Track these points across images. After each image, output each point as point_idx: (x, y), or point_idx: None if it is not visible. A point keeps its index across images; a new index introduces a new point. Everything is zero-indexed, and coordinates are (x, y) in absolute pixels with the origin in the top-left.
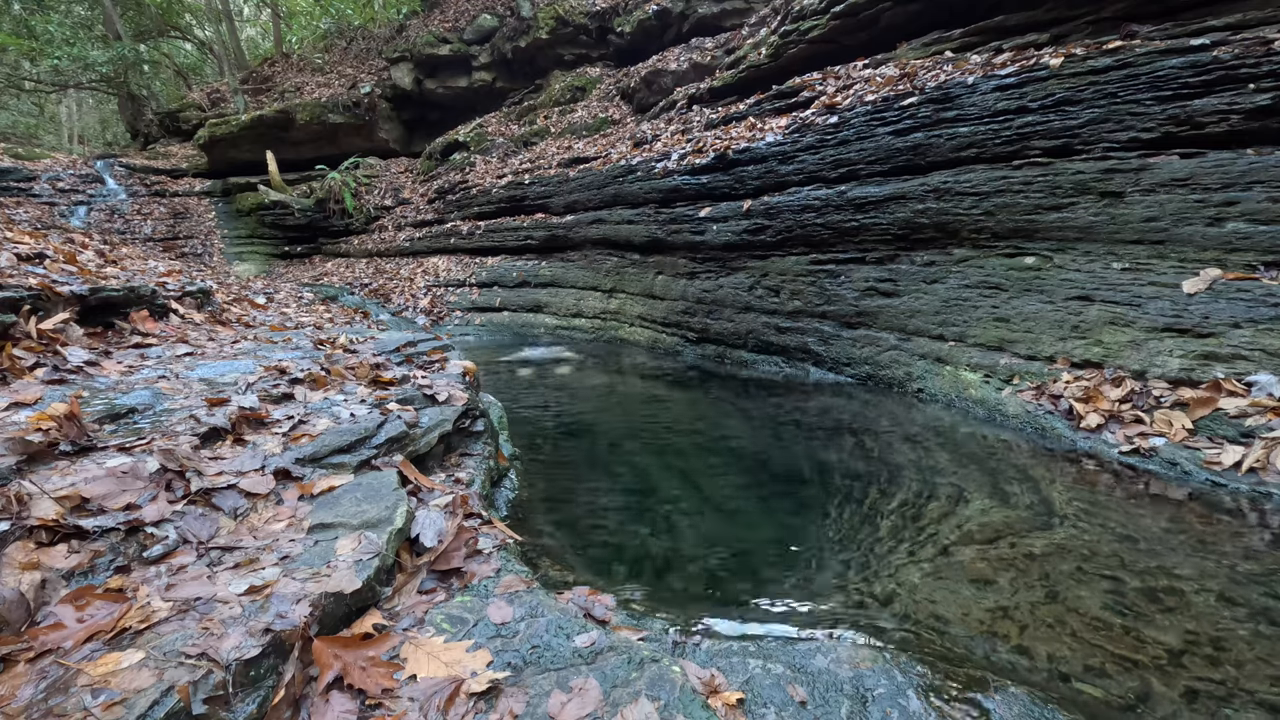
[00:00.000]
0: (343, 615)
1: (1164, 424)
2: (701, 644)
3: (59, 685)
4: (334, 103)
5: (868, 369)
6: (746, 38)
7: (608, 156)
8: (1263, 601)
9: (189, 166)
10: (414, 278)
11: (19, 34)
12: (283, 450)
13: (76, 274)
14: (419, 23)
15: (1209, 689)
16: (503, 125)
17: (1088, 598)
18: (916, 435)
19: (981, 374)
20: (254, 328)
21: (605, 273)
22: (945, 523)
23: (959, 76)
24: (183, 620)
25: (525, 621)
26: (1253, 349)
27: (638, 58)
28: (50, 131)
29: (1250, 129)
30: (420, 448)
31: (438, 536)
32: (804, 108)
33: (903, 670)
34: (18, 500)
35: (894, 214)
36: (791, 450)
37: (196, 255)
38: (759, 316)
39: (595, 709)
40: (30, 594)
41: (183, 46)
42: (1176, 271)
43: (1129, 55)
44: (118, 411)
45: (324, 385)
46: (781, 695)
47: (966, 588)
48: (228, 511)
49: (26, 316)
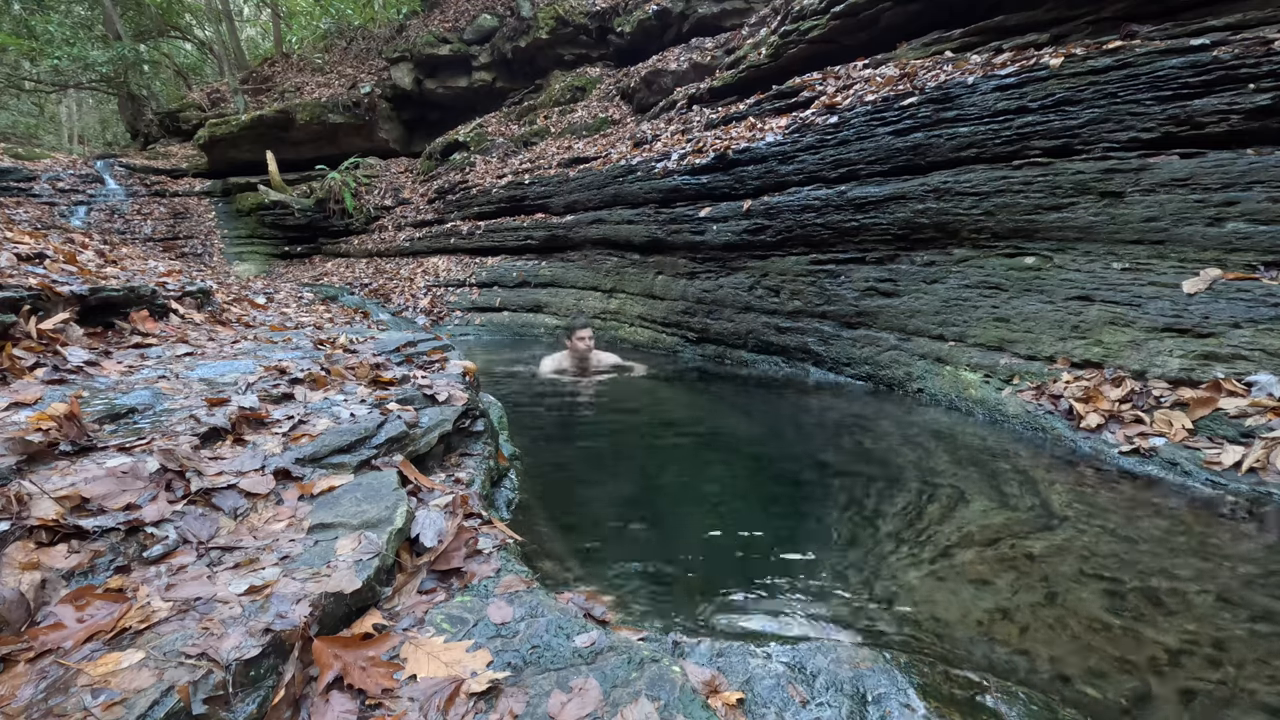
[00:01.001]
0: (343, 615)
1: (1164, 424)
2: (701, 644)
3: (59, 685)
4: (334, 103)
5: (868, 369)
6: (746, 38)
7: (608, 156)
8: (1263, 603)
9: (189, 166)
10: (414, 278)
11: (19, 34)
12: (283, 450)
13: (76, 274)
14: (419, 23)
15: (1209, 690)
16: (503, 125)
17: (1088, 599)
18: (916, 435)
19: (981, 374)
20: (254, 328)
21: (605, 273)
22: (945, 523)
23: (959, 76)
24: (183, 620)
25: (525, 621)
26: (1253, 349)
27: (638, 58)
28: (50, 131)
29: (1250, 129)
30: (420, 448)
31: (438, 536)
32: (804, 108)
33: (903, 670)
34: (18, 500)
35: (894, 214)
36: (791, 450)
37: (196, 255)
38: (759, 316)
39: (595, 709)
40: (30, 594)
41: (183, 46)
42: (1176, 271)
43: (1129, 55)
44: (118, 411)
45: (324, 385)
46: (782, 695)
47: (966, 588)
48: (228, 511)
49: (26, 316)
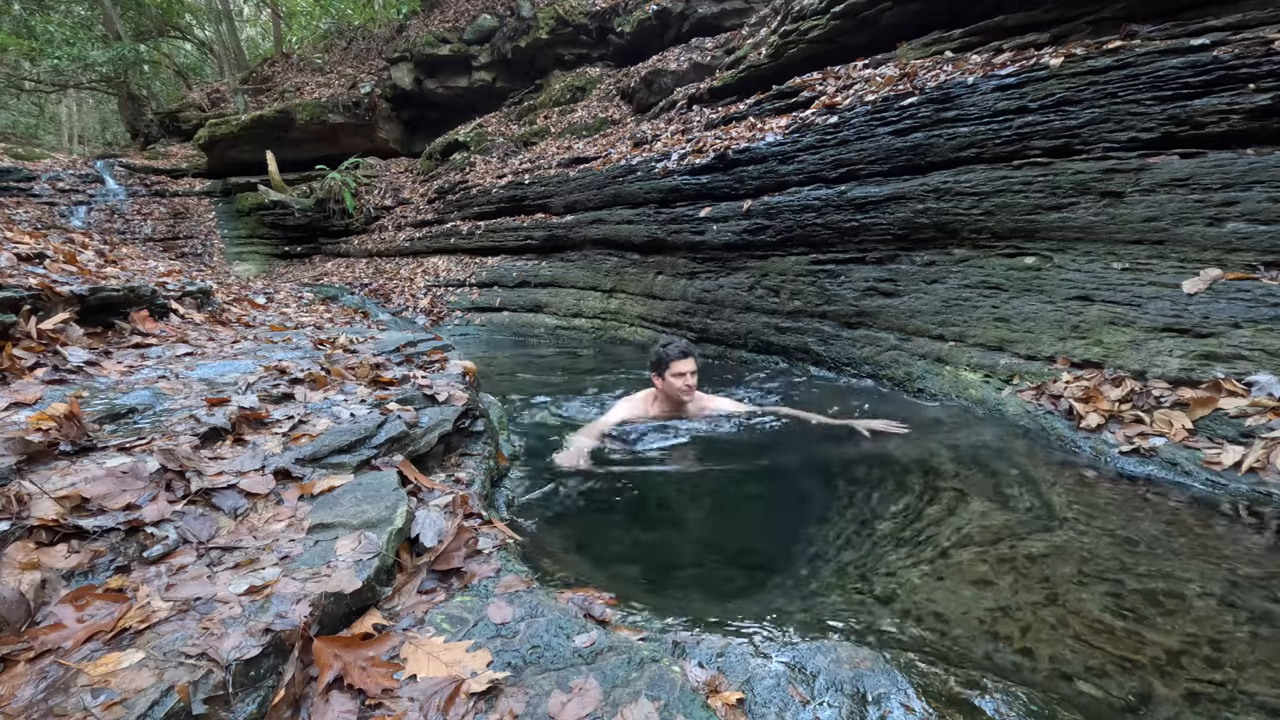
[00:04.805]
0: (343, 615)
1: (1164, 424)
2: (701, 644)
3: (59, 685)
4: (334, 103)
5: (868, 369)
6: (746, 38)
7: (608, 156)
8: (1263, 605)
9: (189, 166)
10: (414, 278)
11: (19, 34)
12: (283, 450)
13: (76, 274)
14: (419, 23)
15: (1209, 691)
16: (503, 125)
17: (1088, 600)
18: (916, 435)
19: (981, 374)
20: (254, 328)
21: (605, 273)
22: (944, 524)
23: (959, 76)
24: (183, 620)
25: (525, 621)
26: (1253, 349)
27: (638, 58)
28: (50, 131)
29: (1250, 129)
30: (420, 448)
31: (438, 536)
32: (804, 108)
33: (903, 670)
34: (18, 500)
35: (894, 214)
36: (791, 450)
37: (196, 255)
38: (759, 316)
39: (595, 709)
40: (30, 594)
41: (183, 46)
42: (1176, 271)
43: (1129, 55)
44: (118, 411)
45: (324, 385)
46: (782, 695)
47: (967, 589)
48: (228, 511)
49: (26, 316)
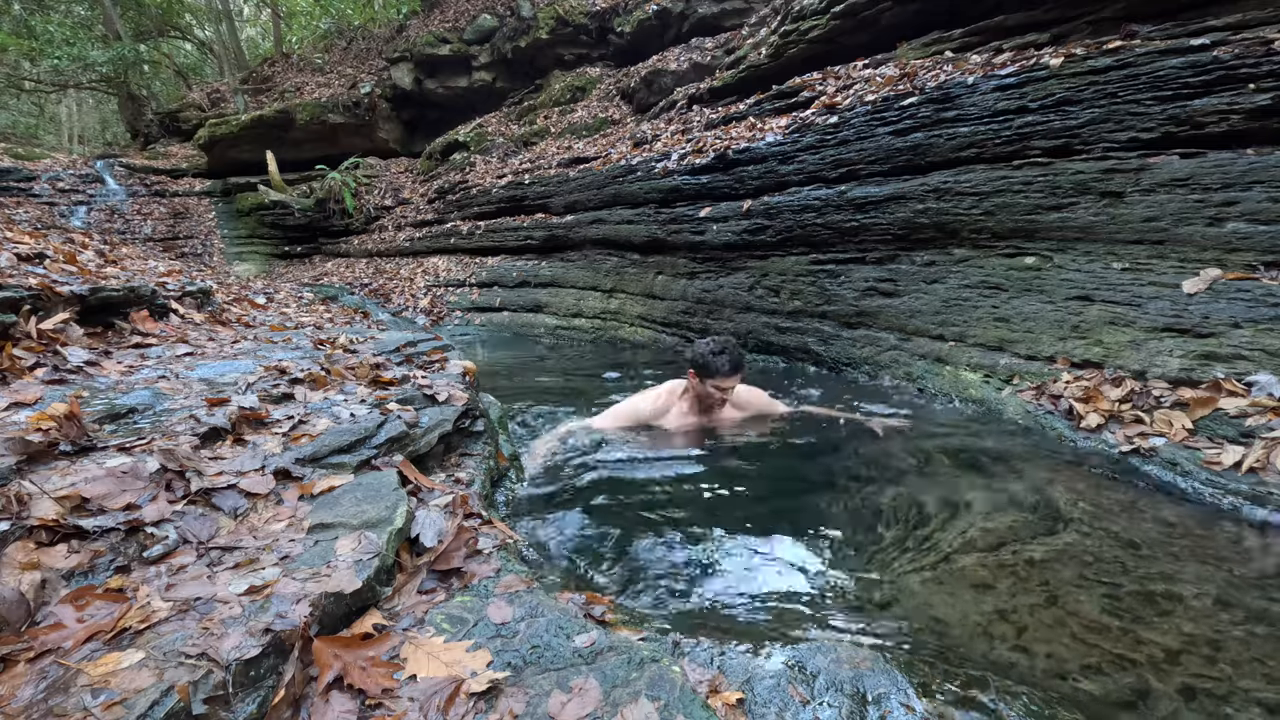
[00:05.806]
0: (343, 615)
1: (1164, 424)
2: (701, 644)
3: (59, 685)
4: (334, 103)
5: (868, 369)
6: (746, 38)
7: (608, 156)
8: (1261, 605)
9: (189, 166)
10: (414, 278)
11: (19, 34)
12: (283, 450)
13: (76, 274)
14: (419, 23)
15: (1207, 688)
16: (503, 125)
17: (1087, 601)
18: (916, 435)
19: (981, 374)
20: (254, 328)
21: (605, 273)
22: (944, 525)
23: (959, 76)
24: (183, 620)
25: (525, 621)
26: (1253, 349)
27: (638, 58)
28: (50, 131)
29: (1250, 129)
30: (420, 448)
31: (438, 536)
32: (804, 108)
33: (903, 670)
34: (18, 500)
35: (894, 214)
36: (790, 450)
37: (196, 255)
38: (759, 316)
39: (595, 709)
40: (30, 594)
41: (183, 46)
42: (1176, 271)
43: (1129, 55)
44: (118, 411)
45: (324, 385)
46: (782, 695)
47: (967, 590)
48: (228, 511)
49: (26, 316)
